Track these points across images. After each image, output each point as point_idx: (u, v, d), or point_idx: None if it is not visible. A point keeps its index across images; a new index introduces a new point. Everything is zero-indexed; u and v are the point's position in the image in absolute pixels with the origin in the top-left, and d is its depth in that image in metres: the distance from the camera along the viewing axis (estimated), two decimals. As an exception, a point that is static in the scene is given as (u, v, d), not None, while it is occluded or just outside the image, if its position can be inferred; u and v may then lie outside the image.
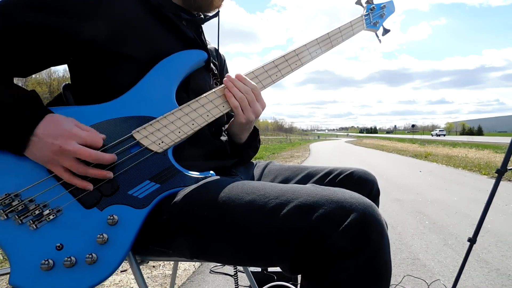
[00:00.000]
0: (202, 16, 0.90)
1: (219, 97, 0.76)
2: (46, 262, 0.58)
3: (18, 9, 0.64)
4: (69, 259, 0.59)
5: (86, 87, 0.74)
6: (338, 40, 0.94)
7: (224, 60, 1.05)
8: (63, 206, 0.62)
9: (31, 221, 0.60)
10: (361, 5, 1.05)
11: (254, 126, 0.91)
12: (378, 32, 1.06)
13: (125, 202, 0.64)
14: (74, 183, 0.63)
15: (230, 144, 0.92)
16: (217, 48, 1.01)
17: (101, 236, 0.61)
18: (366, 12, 1.02)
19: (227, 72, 1.04)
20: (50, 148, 0.60)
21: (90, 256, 0.60)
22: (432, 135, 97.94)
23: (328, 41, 0.92)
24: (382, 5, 1.05)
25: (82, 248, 0.61)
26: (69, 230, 0.61)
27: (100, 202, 0.63)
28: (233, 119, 0.86)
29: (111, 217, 0.62)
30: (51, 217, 0.61)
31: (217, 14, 0.90)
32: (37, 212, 0.61)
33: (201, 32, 0.89)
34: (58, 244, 0.60)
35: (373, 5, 1.03)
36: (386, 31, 1.06)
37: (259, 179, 0.98)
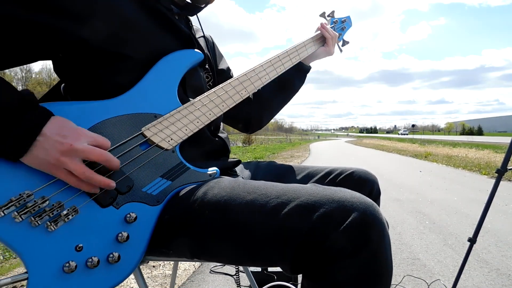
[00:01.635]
0: (190, 5, 0.88)
1: (219, 96, 0.79)
2: (68, 264, 0.56)
3: (3, 2, 0.60)
4: (91, 259, 0.58)
5: (79, 87, 0.73)
6: (312, 48, 1.08)
7: (213, 43, 1.05)
8: (79, 206, 0.60)
9: (48, 223, 0.57)
10: (325, 18, 1.19)
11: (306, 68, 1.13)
12: (339, 44, 1.21)
13: (140, 200, 0.65)
14: (82, 187, 0.59)
15: (298, 68, 1.07)
16: (203, 35, 1.00)
17: (121, 234, 0.60)
18: (330, 25, 1.18)
19: (219, 53, 1.06)
20: (58, 148, 0.56)
21: (112, 255, 0.59)
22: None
23: (304, 49, 1.04)
24: (343, 19, 1.22)
25: (102, 247, 0.60)
26: (87, 230, 0.60)
27: (116, 200, 0.63)
28: (318, 48, 1.09)
29: (129, 215, 0.62)
30: (69, 217, 0.59)
31: (206, 5, 0.89)
32: (54, 212, 0.58)
33: (191, 26, 0.90)
34: (78, 245, 0.59)
35: (336, 19, 1.20)
36: (345, 42, 1.22)
37: (260, 179, 0.98)
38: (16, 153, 0.56)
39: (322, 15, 1.18)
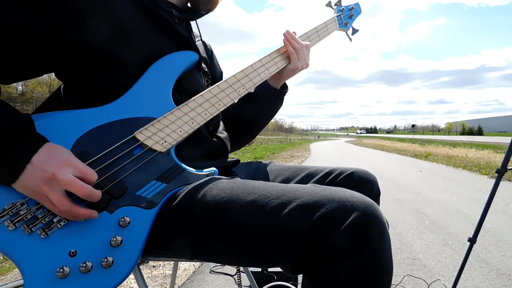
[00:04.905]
0: (191, 10, 0.88)
1: (215, 96, 0.78)
2: (61, 269, 0.57)
3: (6, 11, 0.60)
4: (84, 264, 0.58)
5: (81, 91, 0.73)
6: (316, 40, 1.04)
7: (211, 51, 1.04)
8: None
9: (41, 229, 0.58)
10: (331, 7, 1.13)
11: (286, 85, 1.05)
12: (348, 32, 1.16)
13: (134, 203, 0.64)
14: (66, 217, 0.59)
15: (266, 89, 1.00)
16: (203, 40, 1.01)
17: (115, 239, 0.60)
18: (337, 13, 1.12)
19: (216, 61, 1.05)
20: (42, 176, 0.56)
21: (106, 259, 0.59)
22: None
23: (307, 41, 1.00)
24: (350, 6, 1.15)
25: (96, 252, 0.60)
26: (81, 236, 0.60)
27: (110, 205, 0.63)
28: (285, 65, 0.95)
29: (123, 219, 0.62)
30: (62, 223, 0.59)
31: (207, 12, 0.89)
32: (47, 219, 0.59)
33: (190, 29, 0.89)
34: (71, 251, 0.59)
35: (343, 7, 1.13)
36: (355, 30, 1.16)
37: (260, 179, 0.98)
38: (7, 180, 0.57)
39: (328, 4, 1.13)
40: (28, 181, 0.56)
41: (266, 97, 1.02)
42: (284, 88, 1.04)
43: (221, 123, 0.96)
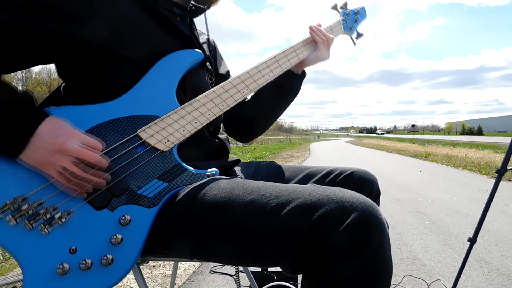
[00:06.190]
0: (193, 8, 0.88)
1: (218, 96, 0.78)
2: (61, 266, 0.57)
3: (4, 11, 0.61)
4: (84, 261, 0.58)
5: (81, 90, 0.73)
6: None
7: (215, 48, 1.04)
8: (73, 208, 0.61)
9: (42, 225, 0.58)
10: (337, 10, 1.13)
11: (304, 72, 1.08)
12: (352, 36, 1.16)
13: (135, 202, 0.64)
14: (71, 187, 0.60)
15: (288, 75, 1.02)
16: (207, 37, 1.01)
17: (115, 237, 0.60)
18: (342, 17, 1.12)
19: (220, 58, 1.04)
20: (50, 147, 0.58)
21: (106, 257, 0.59)
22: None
23: (313, 43, 1.01)
24: (356, 11, 1.15)
25: (96, 250, 0.60)
26: (81, 233, 0.60)
27: (111, 203, 0.63)
28: (310, 54, 1.00)
29: (123, 218, 0.62)
30: (63, 220, 0.60)
31: (209, 7, 0.89)
32: (48, 215, 0.59)
33: (193, 27, 0.89)
34: (72, 248, 0.59)
35: (348, 11, 1.14)
36: (359, 35, 1.17)
37: (260, 179, 0.98)
38: (13, 151, 0.58)
39: (334, 7, 1.13)
40: (34, 153, 0.58)
41: (286, 82, 1.03)
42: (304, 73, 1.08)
43: (221, 124, 0.96)
